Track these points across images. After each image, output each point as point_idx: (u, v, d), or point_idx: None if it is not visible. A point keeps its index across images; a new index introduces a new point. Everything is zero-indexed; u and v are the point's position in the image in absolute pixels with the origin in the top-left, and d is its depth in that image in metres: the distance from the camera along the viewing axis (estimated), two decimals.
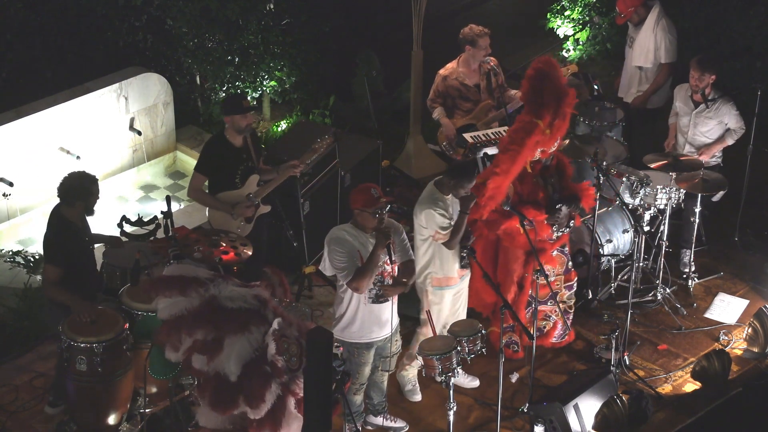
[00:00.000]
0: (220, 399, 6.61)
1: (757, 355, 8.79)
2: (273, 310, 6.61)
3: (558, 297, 8.57)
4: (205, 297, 6.62)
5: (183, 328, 6.61)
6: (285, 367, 6.47)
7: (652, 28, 10.11)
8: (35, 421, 8.11)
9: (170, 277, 6.74)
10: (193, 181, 8.52)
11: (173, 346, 6.67)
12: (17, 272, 9.31)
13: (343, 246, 7.39)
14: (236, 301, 6.61)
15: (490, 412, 8.15)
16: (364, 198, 7.38)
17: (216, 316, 6.58)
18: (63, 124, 10.14)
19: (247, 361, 6.53)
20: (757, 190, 10.24)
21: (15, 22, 10.59)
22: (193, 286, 6.63)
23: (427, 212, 7.85)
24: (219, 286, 6.64)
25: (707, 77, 9.26)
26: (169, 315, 6.67)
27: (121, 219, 8.06)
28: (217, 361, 6.56)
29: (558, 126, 8.10)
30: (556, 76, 8.14)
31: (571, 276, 8.65)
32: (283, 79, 11.28)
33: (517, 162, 8.12)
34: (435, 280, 8.02)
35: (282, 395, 6.55)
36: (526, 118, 8.14)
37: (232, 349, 6.53)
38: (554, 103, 8.05)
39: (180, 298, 6.63)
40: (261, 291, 6.72)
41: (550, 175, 8.40)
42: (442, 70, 9.82)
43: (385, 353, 7.78)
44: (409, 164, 10.96)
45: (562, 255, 8.55)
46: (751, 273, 9.68)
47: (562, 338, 8.77)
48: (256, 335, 6.54)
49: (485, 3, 13.41)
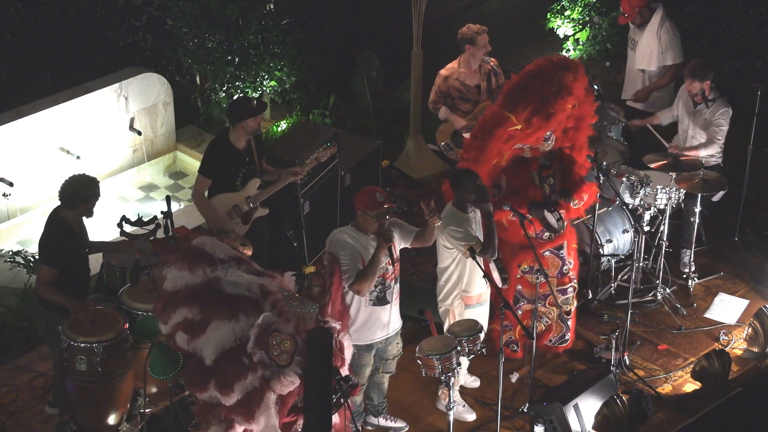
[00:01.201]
0: (192, 378, 6.73)
1: (757, 355, 8.79)
2: (273, 303, 6.63)
3: (548, 300, 8.52)
4: (208, 277, 6.68)
5: (175, 304, 6.69)
6: (269, 362, 6.48)
7: (655, 31, 10.08)
8: (35, 421, 8.11)
9: (190, 248, 6.81)
10: (197, 184, 8.52)
11: (163, 318, 6.75)
12: (17, 272, 9.31)
13: (345, 249, 7.38)
14: (238, 287, 6.66)
15: (490, 412, 8.15)
16: (367, 200, 7.36)
17: (210, 298, 6.65)
18: (63, 124, 10.14)
19: (226, 349, 6.59)
20: (757, 190, 10.23)
21: (15, 22, 10.59)
22: (202, 264, 6.70)
23: (449, 230, 7.70)
24: (227, 270, 6.70)
25: (697, 84, 9.22)
26: (170, 287, 6.76)
27: (121, 219, 8.06)
28: (196, 342, 6.64)
29: (537, 125, 8.01)
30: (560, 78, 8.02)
31: (565, 280, 8.53)
32: (283, 79, 11.28)
33: (485, 152, 8.08)
34: (467, 299, 7.94)
35: (260, 388, 6.57)
36: (496, 109, 8.11)
37: (214, 334, 6.60)
38: (536, 101, 7.98)
39: (186, 273, 6.71)
40: (269, 282, 6.74)
41: (549, 175, 8.37)
42: (443, 70, 9.81)
43: (386, 355, 7.77)
44: (409, 164, 10.96)
45: (556, 257, 8.49)
46: (751, 273, 9.68)
47: (561, 343, 8.74)
48: (243, 325, 6.60)
49: (485, 3, 13.41)
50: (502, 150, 8.14)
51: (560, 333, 8.69)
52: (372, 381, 7.89)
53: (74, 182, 7.71)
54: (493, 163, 8.17)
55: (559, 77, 8.06)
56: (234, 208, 8.50)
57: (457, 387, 8.07)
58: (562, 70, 8.09)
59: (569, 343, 8.76)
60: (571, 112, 8.18)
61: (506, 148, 8.13)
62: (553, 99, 8.00)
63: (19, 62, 10.73)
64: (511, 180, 8.25)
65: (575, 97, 8.13)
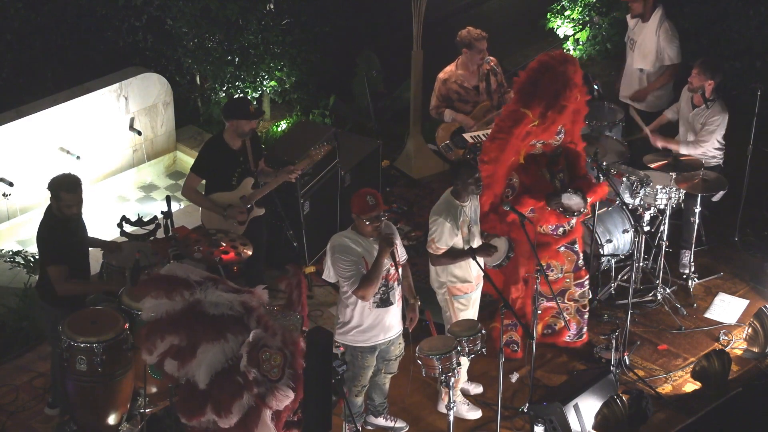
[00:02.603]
0: (188, 405, 6.60)
1: (757, 355, 8.79)
2: (258, 319, 6.54)
3: (568, 295, 8.54)
4: (188, 301, 6.57)
5: (159, 332, 6.58)
6: (261, 379, 6.42)
7: (654, 30, 10.08)
8: (35, 421, 8.11)
9: (161, 277, 6.70)
10: (188, 181, 8.54)
11: (148, 349, 6.63)
12: (17, 272, 9.31)
13: (348, 254, 7.37)
14: (220, 307, 6.56)
15: (490, 412, 8.15)
16: (359, 204, 7.35)
17: (193, 322, 6.54)
18: (63, 124, 10.14)
19: (219, 371, 6.51)
20: (757, 190, 10.23)
21: (15, 22, 10.59)
22: (179, 288, 6.58)
23: (435, 219, 7.77)
24: (206, 291, 6.58)
25: (701, 80, 9.22)
26: (150, 317, 6.64)
27: (121, 219, 8.06)
28: (187, 367, 6.55)
29: (551, 118, 8.06)
30: (564, 71, 8.09)
31: (581, 274, 8.56)
32: (283, 79, 11.28)
33: (505, 151, 8.11)
34: (454, 289, 7.98)
35: (255, 406, 6.49)
36: (513, 107, 8.14)
37: (205, 357, 6.51)
38: (549, 95, 8.03)
39: (164, 300, 6.60)
40: (249, 298, 6.63)
41: (559, 170, 8.37)
42: (441, 73, 9.80)
43: (388, 356, 7.77)
44: (409, 164, 10.96)
45: (571, 252, 8.49)
46: (751, 273, 9.68)
47: (578, 338, 8.74)
48: (232, 344, 6.51)
49: (485, 3, 13.40)
50: (519, 148, 8.17)
51: (579, 327, 8.69)
52: (374, 382, 7.88)
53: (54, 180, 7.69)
54: (510, 162, 8.20)
55: (562, 70, 8.11)
56: (241, 199, 8.49)
57: (458, 387, 8.08)
58: (564, 64, 8.15)
59: (585, 337, 8.77)
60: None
61: (523, 145, 8.17)
62: (562, 92, 8.07)
63: (19, 62, 10.73)
64: (523, 178, 8.26)
65: (580, 88, 8.19)
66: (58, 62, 10.89)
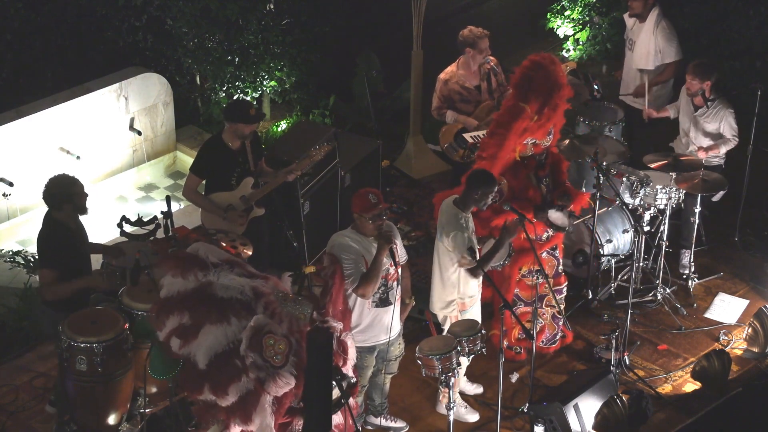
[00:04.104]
0: (187, 383, 6.77)
1: (757, 355, 8.79)
2: (265, 305, 6.63)
3: (546, 300, 8.54)
4: (200, 282, 6.69)
5: (169, 310, 6.72)
6: (262, 364, 6.50)
7: (652, 30, 10.08)
8: (35, 421, 8.11)
9: (183, 255, 6.84)
10: (188, 181, 8.58)
11: (158, 325, 6.79)
12: (17, 272, 9.31)
13: (347, 252, 7.37)
14: (230, 290, 6.68)
15: (490, 412, 8.15)
16: (361, 203, 7.36)
17: (201, 303, 6.66)
18: (63, 124, 10.14)
19: (218, 353, 6.62)
20: (757, 190, 10.23)
21: (15, 22, 10.59)
22: (195, 269, 6.72)
23: (455, 234, 7.68)
24: (220, 273, 6.72)
25: (698, 83, 9.24)
26: (164, 294, 6.78)
27: (121, 219, 8.05)
28: (189, 346, 6.67)
29: (547, 115, 8.09)
30: (554, 71, 8.15)
31: (560, 280, 8.60)
32: (283, 79, 11.28)
33: (503, 147, 8.11)
34: (461, 305, 7.94)
35: (254, 390, 6.58)
36: (512, 102, 8.16)
37: (206, 338, 6.63)
38: (544, 91, 8.06)
39: (179, 279, 6.73)
40: (262, 284, 6.75)
41: (545, 175, 8.39)
42: (442, 74, 9.79)
43: (388, 356, 7.77)
44: (409, 164, 10.96)
45: (552, 258, 8.52)
46: (751, 273, 9.68)
47: (551, 344, 8.74)
48: (235, 328, 6.63)
49: (485, 3, 13.41)
50: (516, 144, 8.18)
51: (552, 333, 8.70)
52: (374, 382, 7.88)
53: (51, 185, 7.69)
54: (506, 160, 8.20)
55: (552, 70, 8.18)
56: (241, 198, 8.50)
57: (458, 387, 8.07)
58: (553, 64, 8.22)
59: (569, 338, 8.78)
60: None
61: (520, 142, 8.18)
62: (555, 91, 8.10)
63: (19, 62, 10.73)
64: (511, 182, 8.26)
65: (567, 89, 8.23)
66: (58, 62, 10.90)
